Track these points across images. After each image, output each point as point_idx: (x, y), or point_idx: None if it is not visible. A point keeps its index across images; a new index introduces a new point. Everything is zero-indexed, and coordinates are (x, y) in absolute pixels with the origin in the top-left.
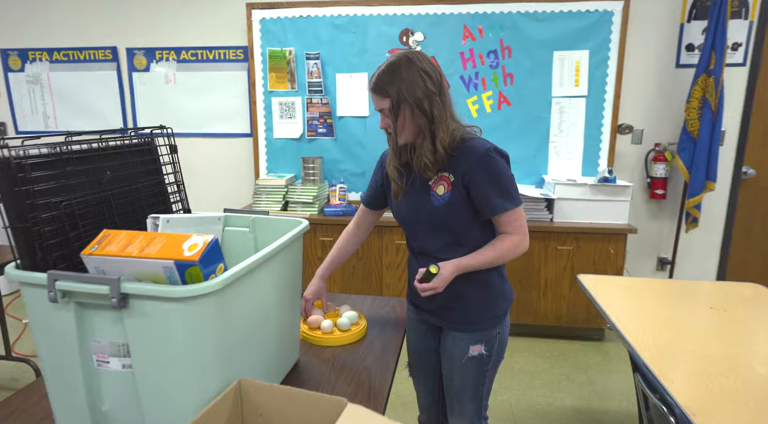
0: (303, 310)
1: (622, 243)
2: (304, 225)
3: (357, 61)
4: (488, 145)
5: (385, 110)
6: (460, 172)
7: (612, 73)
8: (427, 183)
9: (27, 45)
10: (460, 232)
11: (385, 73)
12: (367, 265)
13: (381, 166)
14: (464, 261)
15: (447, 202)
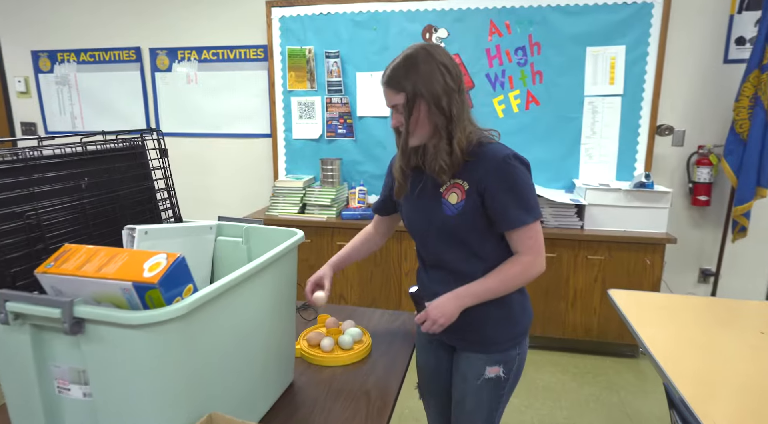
0: (306, 293)
1: (660, 253)
2: (297, 237)
3: (378, 59)
4: (507, 151)
5: (399, 106)
6: (476, 179)
7: (651, 70)
8: (438, 190)
9: (56, 46)
10: (475, 243)
11: (401, 66)
12: (386, 271)
13: (390, 174)
14: (464, 297)
15: (460, 211)
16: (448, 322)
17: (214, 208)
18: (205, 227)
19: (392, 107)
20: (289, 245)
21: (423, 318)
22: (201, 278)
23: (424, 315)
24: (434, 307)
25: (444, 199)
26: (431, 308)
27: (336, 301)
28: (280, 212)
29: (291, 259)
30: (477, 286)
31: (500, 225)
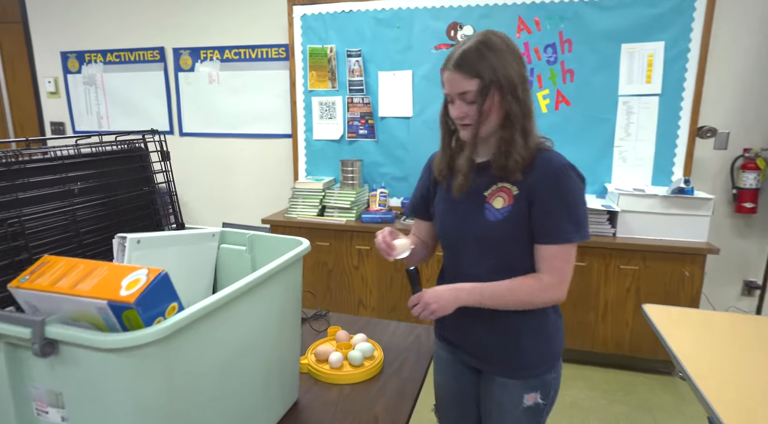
0: (381, 247)
1: (700, 264)
2: (303, 247)
3: (401, 58)
4: (565, 161)
5: (470, 94)
6: (528, 186)
7: (692, 68)
8: (482, 192)
9: (84, 47)
10: (512, 255)
11: (474, 50)
12: (406, 276)
13: (428, 172)
14: (465, 291)
15: (506, 217)
16: (441, 311)
17: (234, 209)
18: (207, 234)
19: (460, 94)
20: (293, 255)
21: (416, 301)
22: (202, 288)
23: (418, 297)
24: (431, 291)
25: (488, 204)
26: (427, 292)
27: (354, 307)
28: (299, 214)
29: (296, 270)
30: (483, 286)
31: (542, 236)
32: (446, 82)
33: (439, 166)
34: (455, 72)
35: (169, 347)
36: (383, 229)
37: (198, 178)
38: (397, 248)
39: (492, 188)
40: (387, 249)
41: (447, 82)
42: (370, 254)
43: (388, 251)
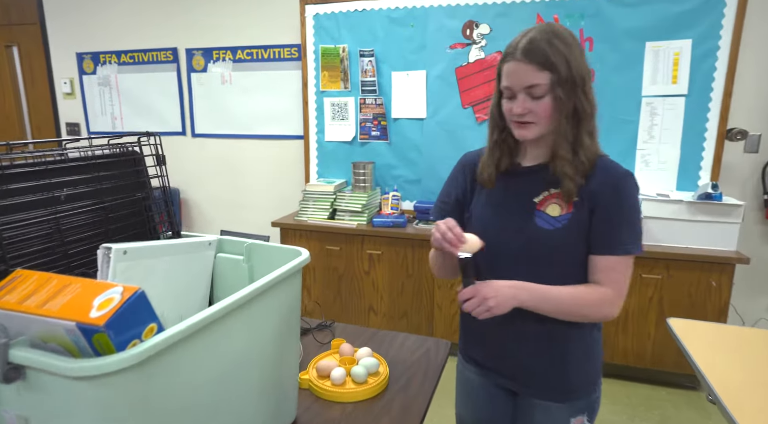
0: (447, 236)
1: (729, 274)
2: (302, 258)
3: (414, 58)
4: (625, 168)
5: (538, 88)
6: (589, 193)
7: (722, 67)
8: (532, 199)
9: (99, 48)
10: (566, 266)
11: (544, 40)
12: (418, 282)
13: (463, 173)
14: (525, 291)
15: (565, 226)
16: (498, 309)
17: (246, 211)
18: (204, 242)
19: (526, 88)
20: (291, 267)
21: (471, 294)
22: (198, 300)
23: (473, 290)
24: (488, 284)
25: (539, 211)
26: (484, 285)
27: (365, 313)
28: (309, 217)
29: (294, 282)
30: (545, 289)
31: (600, 246)
32: (509, 74)
33: (488, 170)
34: (524, 63)
35: (146, 372)
36: (446, 219)
37: (209, 180)
38: (468, 242)
39: (543, 194)
40: (455, 240)
41: (511, 74)
42: (381, 259)
43: (455, 243)
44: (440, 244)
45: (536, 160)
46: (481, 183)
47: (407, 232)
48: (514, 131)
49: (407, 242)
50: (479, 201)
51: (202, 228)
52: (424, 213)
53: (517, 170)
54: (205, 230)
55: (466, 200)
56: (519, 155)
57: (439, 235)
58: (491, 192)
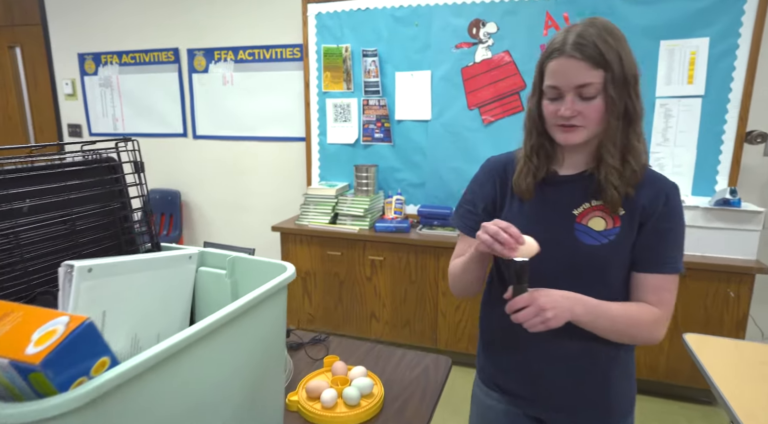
0: (501, 237)
1: (748, 285)
2: (287, 275)
3: (419, 57)
4: (672, 181)
5: (591, 88)
6: (639, 206)
7: (741, 66)
8: (570, 211)
9: (100, 49)
10: (609, 288)
11: (597, 35)
12: (421, 289)
13: (492, 181)
14: (582, 305)
15: (612, 242)
16: (555, 321)
17: (247, 214)
18: (183, 256)
19: (577, 88)
20: (273, 286)
21: (526, 302)
22: (178, 317)
23: (529, 298)
24: (545, 293)
25: (580, 224)
26: (541, 293)
27: (366, 320)
28: (310, 221)
29: (278, 301)
30: (600, 305)
31: (648, 263)
32: (557, 73)
33: (526, 179)
34: (576, 59)
35: (97, 412)
36: (495, 220)
37: (211, 182)
38: (526, 244)
39: (583, 206)
40: (511, 241)
41: (559, 72)
42: (383, 265)
43: (512, 244)
44: (491, 245)
45: (575, 169)
46: (519, 194)
47: (410, 237)
48: (557, 135)
49: (410, 248)
50: (511, 212)
51: (202, 231)
52: (428, 218)
53: (554, 179)
54: (207, 233)
55: (495, 211)
56: (555, 162)
57: (488, 236)
58: (525, 203)
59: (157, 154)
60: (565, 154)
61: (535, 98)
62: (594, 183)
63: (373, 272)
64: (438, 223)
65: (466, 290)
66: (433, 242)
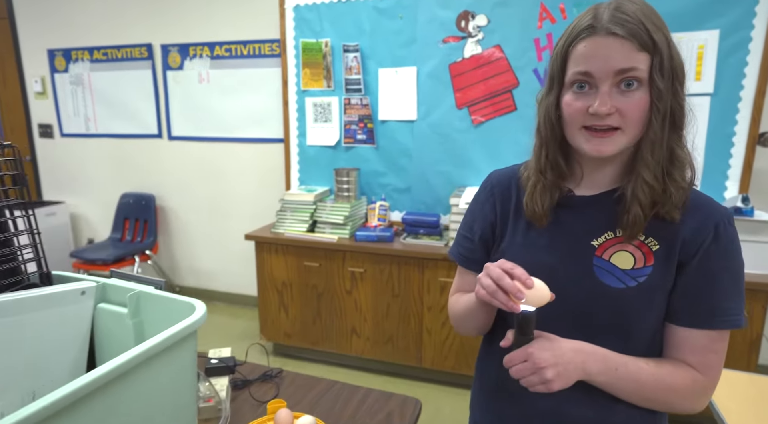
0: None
1: (762, 302)
2: (196, 318)
3: (404, 53)
4: (725, 208)
5: (636, 73)
6: (679, 238)
7: (755, 61)
8: (589, 243)
9: (70, 44)
10: (635, 342)
11: (642, 13)
12: (405, 304)
13: (492, 200)
14: (595, 360)
15: (642, 285)
16: (558, 383)
17: (227, 219)
18: (74, 291)
19: (617, 74)
20: (180, 330)
21: (521, 358)
22: (68, 365)
23: (524, 354)
24: (547, 346)
25: (600, 259)
26: (541, 346)
27: (347, 336)
28: (287, 229)
29: (184, 349)
30: (623, 362)
31: (691, 316)
32: (591, 56)
33: (541, 200)
34: (618, 37)
35: None
36: (500, 261)
37: (187, 186)
38: (535, 289)
39: (605, 236)
40: (516, 289)
41: (595, 54)
42: (364, 277)
43: (518, 292)
44: (494, 295)
45: (598, 188)
46: (531, 219)
47: (393, 247)
48: (585, 144)
49: (393, 259)
50: (515, 241)
51: (179, 238)
52: (413, 226)
53: (570, 201)
54: (183, 240)
55: (495, 237)
56: (571, 179)
57: (490, 281)
58: (532, 230)
59: (132, 156)
60: (584, 168)
61: (552, 95)
62: (621, 206)
63: (353, 285)
64: (424, 231)
65: (472, 332)
66: (417, 252)
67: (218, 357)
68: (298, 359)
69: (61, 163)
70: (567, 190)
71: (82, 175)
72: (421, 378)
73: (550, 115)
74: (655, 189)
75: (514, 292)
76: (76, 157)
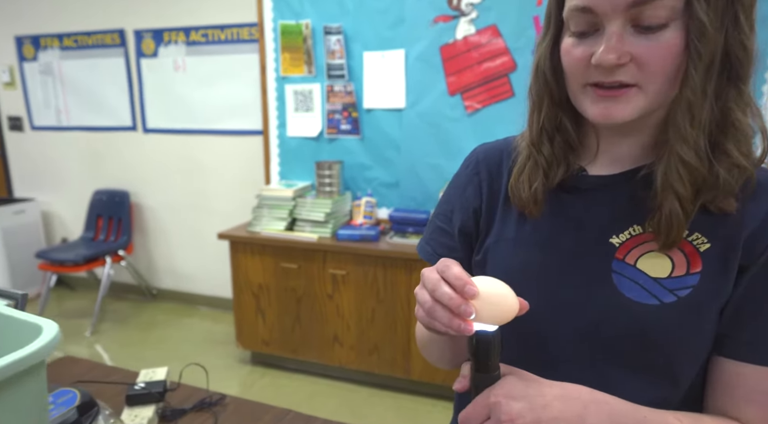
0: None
1: None
2: (42, 343)
3: (391, 35)
4: None
5: (658, 5)
6: (742, 233)
7: None
8: (606, 241)
9: (39, 31)
10: (676, 385)
11: None
12: (391, 310)
13: (477, 181)
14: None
15: (685, 300)
16: None
17: (206, 216)
18: None
19: (631, 7)
20: (18, 359)
21: (480, 415)
22: None
23: (485, 404)
24: (519, 395)
25: (623, 263)
26: (509, 395)
27: (329, 344)
28: (264, 227)
29: (30, 382)
30: (637, 417)
31: (747, 346)
32: None
33: (530, 183)
34: None
35: None
36: (442, 260)
37: (164, 182)
38: (490, 299)
39: (630, 231)
40: (458, 301)
41: None
42: (346, 280)
43: (460, 308)
44: (431, 314)
45: (619, 165)
46: (519, 207)
47: (379, 247)
48: (590, 107)
49: (378, 260)
50: (504, 235)
51: (156, 238)
52: (401, 224)
53: (581, 183)
54: (160, 239)
55: (480, 230)
56: (583, 154)
57: (426, 295)
58: (528, 222)
59: (105, 151)
60: (601, 139)
61: (547, 41)
62: (651, 197)
63: (334, 289)
64: (413, 230)
65: (445, 365)
66: (405, 253)
67: (146, 381)
68: (277, 369)
69: (31, 157)
70: (578, 169)
71: (54, 170)
72: (409, 391)
73: (543, 68)
74: (697, 171)
75: (454, 306)
76: (47, 152)
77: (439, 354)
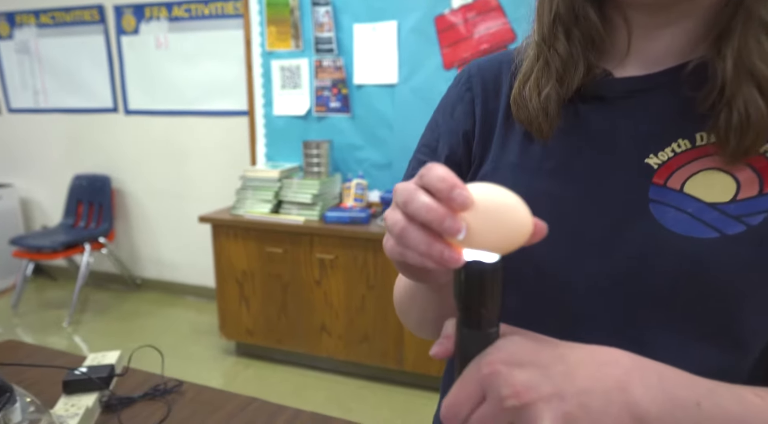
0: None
1: None
2: None
3: (382, 5)
4: None
5: None
6: None
7: None
8: (642, 161)
9: (14, 6)
10: (740, 345)
11: None
12: (382, 296)
13: (468, 100)
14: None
15: (761, 227)
16: None
17: (190, 202)
18: None
19: None
20: None
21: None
22: None
23: (478, 377)
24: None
25: (664, 189)
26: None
27: (316, 333)
28: (248, 210)
29: None
30: (703, 389)
31: None
32: None
33: (539, 91)
34: None
35: None
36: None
37: (147, 166)
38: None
39: (674, 149)
40: (439, 216)
41: None
42: (335, 265)
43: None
44: (403, 240)
45: (658, 63)
46: (525, 123)
47: (369, 230)
48: None
49: (368, 244)
50: (505, 161)
51: (139, 224)
52: None
53: (607, 89)
54: (142, 226)
55: (473, 157)
56: (608, 56)
57: (399, 215)
58: (537, 142)
59: (85, 134)
60: (633, 33)
61: None
62: (705, 90)
63: (322, 274)
64: None
65: (426, 331)
66: None
67: (90, 365)
68: (262, 360)
69: (8, 141)
70: (601, 72)
71: (32, 154)
72: (401, 383)
73: None
74: None
75: (435, 220)
76: (24, 135)
77: (419, 314)
